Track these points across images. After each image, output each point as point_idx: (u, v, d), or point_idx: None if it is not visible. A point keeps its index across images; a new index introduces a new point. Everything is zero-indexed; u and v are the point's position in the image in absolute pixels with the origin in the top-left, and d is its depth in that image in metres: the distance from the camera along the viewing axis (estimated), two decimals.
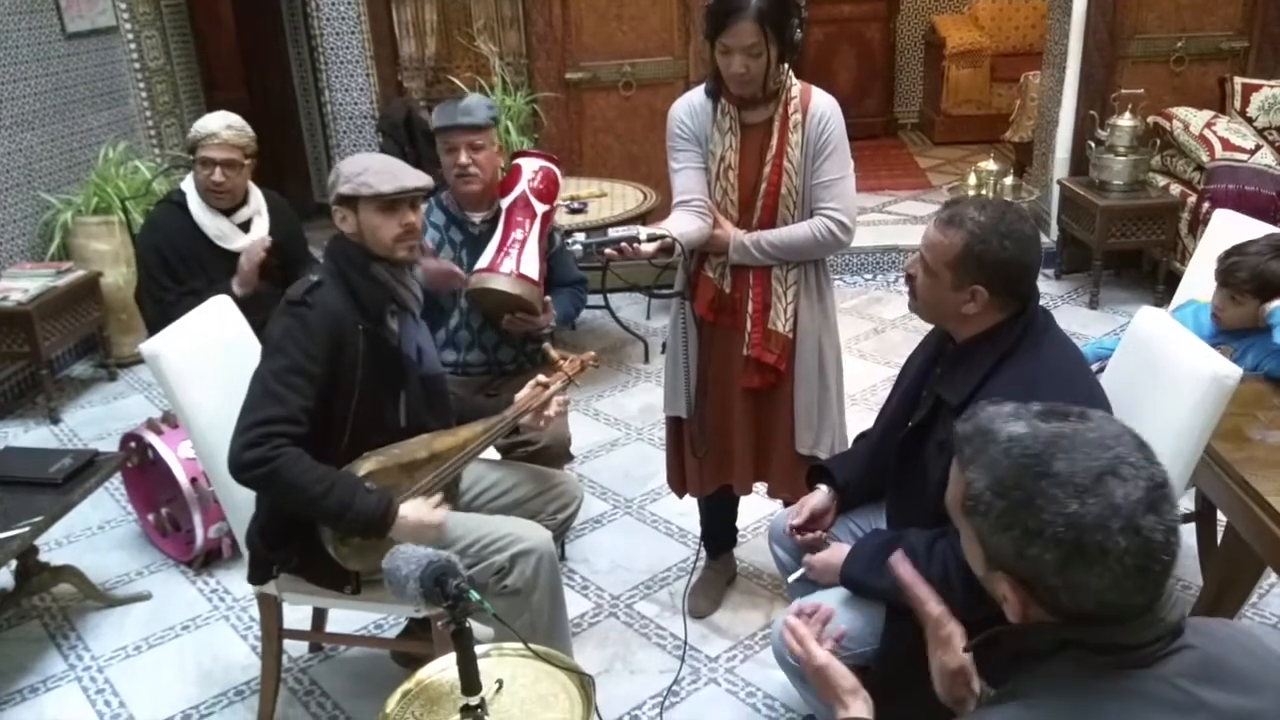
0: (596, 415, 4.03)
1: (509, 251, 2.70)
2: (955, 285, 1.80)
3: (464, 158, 2.75)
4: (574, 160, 5.24)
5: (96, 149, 4.73)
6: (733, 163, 2.37)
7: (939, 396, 1.86)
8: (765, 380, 2.48)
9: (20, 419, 4.22)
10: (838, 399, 2.54)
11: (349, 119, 5.39)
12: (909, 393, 2.03)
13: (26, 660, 2.76)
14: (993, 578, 1.13)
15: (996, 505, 1.08)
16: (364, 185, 2.09)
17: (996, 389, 1.74)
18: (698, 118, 2.41)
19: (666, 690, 2.49)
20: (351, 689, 2.58)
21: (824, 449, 2.49)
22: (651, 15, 5.16)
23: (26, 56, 4.43)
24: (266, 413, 1.95)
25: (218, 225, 3.03)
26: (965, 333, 1.86)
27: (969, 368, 1.82)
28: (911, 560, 1.79)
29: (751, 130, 2.37)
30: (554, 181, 2.84)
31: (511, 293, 2.67)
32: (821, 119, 2.34)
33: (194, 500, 2.96)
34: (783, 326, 2.43)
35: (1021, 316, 1.80)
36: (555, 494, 2.42)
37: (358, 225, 2.12)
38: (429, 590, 1.60)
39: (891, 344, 4.51)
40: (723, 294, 2.45)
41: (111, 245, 4.46)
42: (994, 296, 1.78)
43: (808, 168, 2.36)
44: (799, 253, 2.40)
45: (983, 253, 1.75)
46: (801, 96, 2.35)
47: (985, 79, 7.65)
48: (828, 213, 2.36)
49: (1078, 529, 1.04)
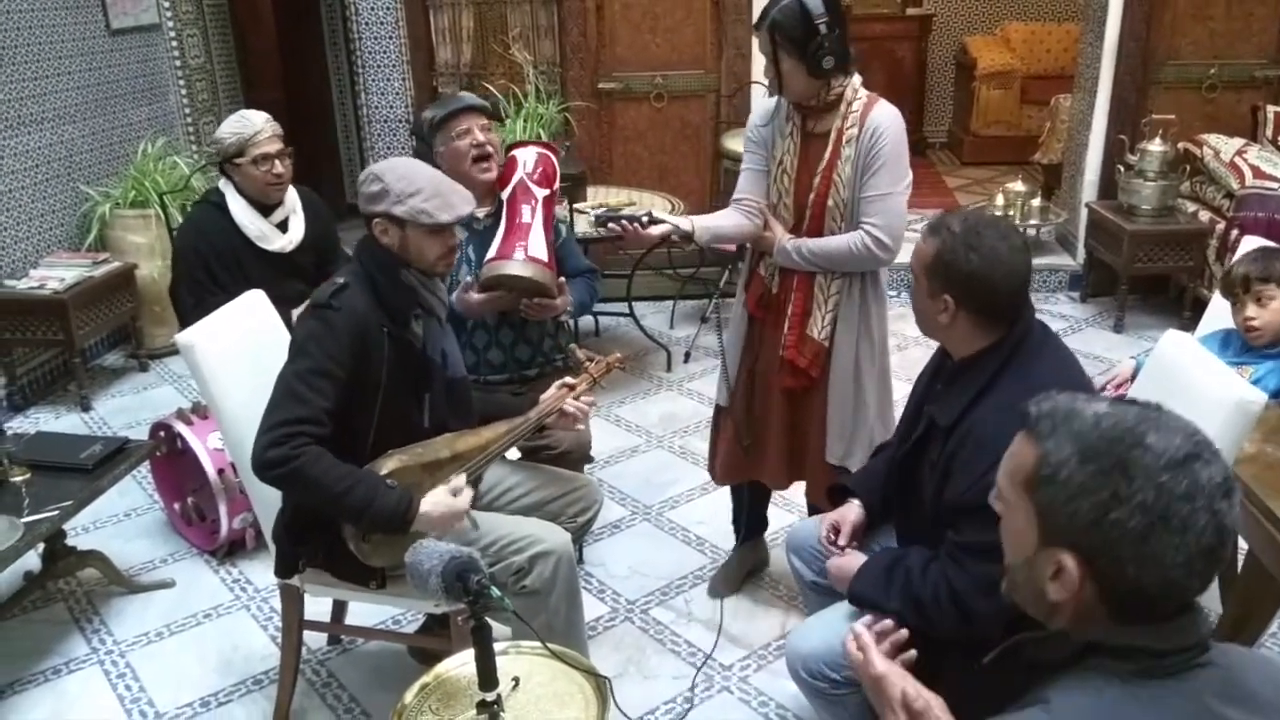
0: (618, 422, 4.06)
1: (517, 237, 2.70)
2: (930, 293, 1.82)
3: (480, 135, 2.73)
4: (604, 169, 5.28)
5: (136, 144, 4.82)
6: (789, 168, 2.44)
7: (931, 417, 1.87)
8: (798, 382, 2.53)
9: (52, 405, 4.29)
10: (878, 417, 2.53)
11: (383, 122, 5.45)
12: (913, 410, 2.04)
13: (50, 642, 2.81)
14: (1043, 556, 1.13)
15: (1083, 471, 1.09)
16: (422, 214, 2.07)
17: (985, 412, 1.75)
18: (767, 122, 2.50)
19: (687, 692, 2.51)
20: (368, 682, 2.61)
21: (855, 463, 2.50)
22: (685, 28, 5.20)
23: (71, 51, 4.52)
24: (290, 413, 1.97)
25: (259, 226, 3.07)
26: (955, 349, 1.87)
27: (960, 389, 1.82)
28: (907, 579, 1.80)
29: (814, 139, 2.42)
30: (551, 166, 2.82)
31: (526, 276, 2.66)
32: (875, 133, 2.34)
33: (220, 491, 3.01)
34: (818, 334, 2.47)
35: (1008, 339, 1.79)
36: (576, 497, 2.44)
37: (402, 241, 2.12)
38: (450, 585, 1.62)
39: (913, 360, 4.50)
40: (770, 293, 2.53)
41: (147, 238, 4.54)
42: (965, 311, 1.78)
43: (857, 181, 2.37)
44: (836, 263, 2.42)
45: (949, 263, 1.77)
46: (863, 110, 2.37)
47: (1015, 100, 7.65)
48: (868, 227, 2.36)
49: (1168, 498, 1.05)
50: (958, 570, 1.73)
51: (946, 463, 1.78)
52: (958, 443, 1.77)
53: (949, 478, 1.77)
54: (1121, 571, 1.08)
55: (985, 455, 1.67)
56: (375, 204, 2.12)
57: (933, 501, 1.83)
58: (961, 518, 1.73)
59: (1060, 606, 1.14)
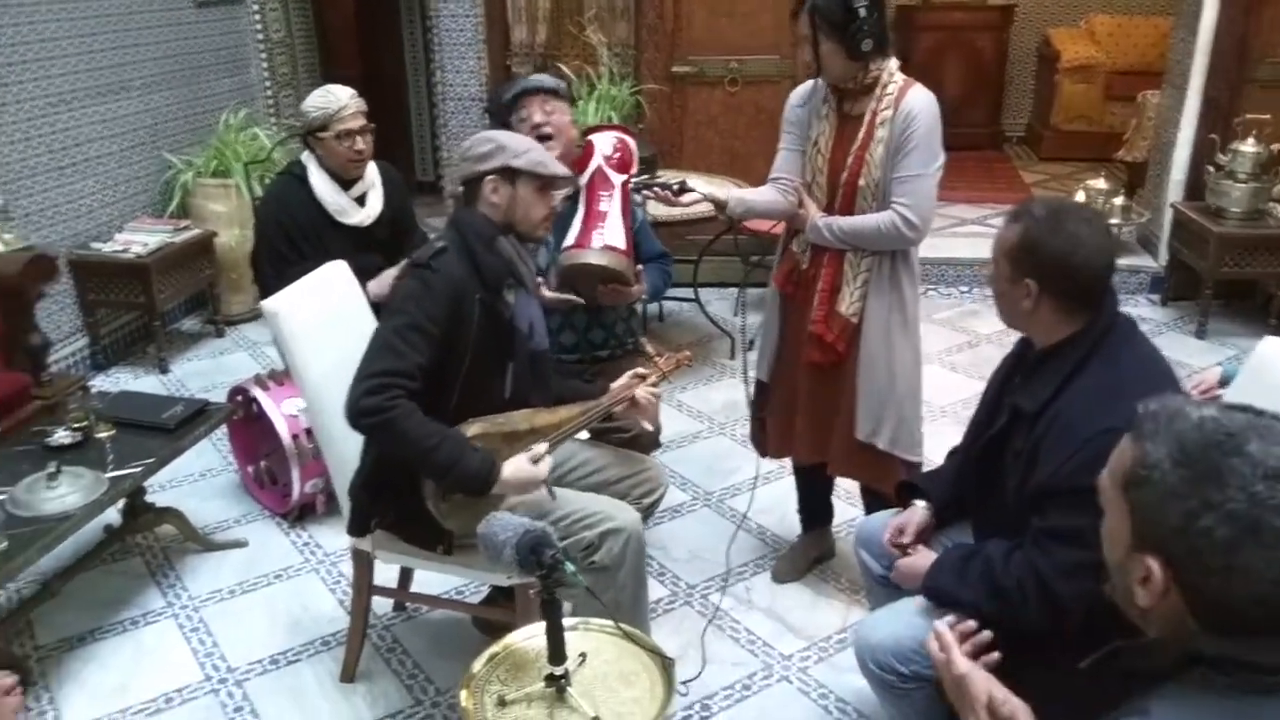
0: (680, 407, 4.06)
1: (595, 225, 2.74)
2: (1011, 278, 1.82)
3: (539, 116, 2.80)
4: (674, 153, 5.27)
5: (218, 114, 4.92)
6: (823, 148, 2.50)
7: (1015, 405, 1.86)
8: (825, 358, 2.56)
9: (131, 366, 4.42)
10: (909, 396, 2.57)
11: (457, 100, 5.49)
12: (990, 403, 2.04)
13: (128, 594, 2.90)
14: (1134, 560, 1.11)
15: (1175, 474, 1.06)
16: (540, 164, 2.18)
17: (1073, 396, 1.74)
18: (805, 103, 2.57)
19: (745, 679, 2.51)
20: (432, 649, 2.66)
21: (883, 439, 2.55)
22: (763, 13, 5.15)
23: (159, 22, 4.63)
24: (386, 364, 2.02)
25: (338, 200, 3.11)
26: (1039, 337, 1.86)
27: (1045, 376, 1.81)
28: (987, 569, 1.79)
29: (850, 121, 2.47)
30: (629, 152, 2.85)
31: (604, 265, 2.70)
32: (908, 116, 2.38)
33: (293, 455, 3.07)
34: (846, 309, 2.51)
35: (1094, 326, 1.79)
36: (642, 478, 2.46)
37: (511, 198, 2.19)
38: (524, 558, 1.65)
39: (984, 358, 4.44)
40: (800, 269, 2.59)
41: (227, 207, 4.64)
42: (1047, 296, 1.77)
43: (889, 162, 2.41)
44: (865, 241, 2.47)
45: (1033, 245, 1.77)
46: (898, 93, 2.41)
47: (1099, 95, 7.45)
48: (897, 207, 2.41)
49: (1260, 509, 1.01)
50: (1042, 555, 1.72)
51: (1032, 449, 1.77)
52: (1044, 428, 1.76)
53: (1034, 464, 1.76)
54: (1207, 582, 1.04)
55: (1071, 439, 1.69)
56: (489, 161, 2.18)
57: (1017, 490, 1.81)
58: (1047, 502, 1.72)
59: (1149, 613, 1.11)
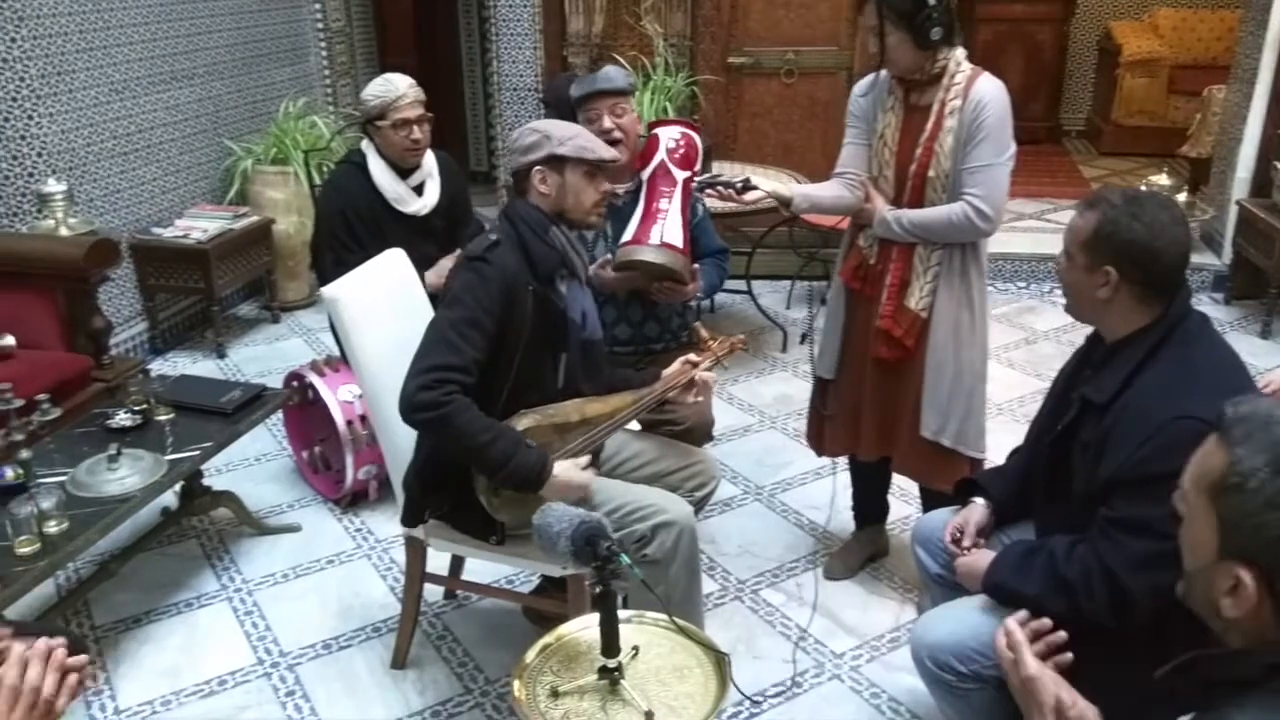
0: (731, 400, 4.04)
1: (654, 222, 2.71)
2: (1088, 267, 1.79)
3: (608, 122, 2.79)
4: (728, 145, 5.24)
5: (278, 102, 4.98)
6: (890, 141, 2.46)
7: (1085, 397, 1.83)
8: (893, 353, 2.52)
9: (189, 350, 4.50)
10: (974, 392, 2.52)
11: (513, 90, 5.50)
12: (1058, 397, 2.01)
13: (184, 576, 2.95)
14: (1220, 569, 1.08)
15: (1274, 483, 1.04)
16: (586, 150, 2.18)
17: (1144, 386, 1.72)
18: (870, 96, 2.53)
19: (796, 675, 2.49)
20: (482, 638, 2.66)
21: (949, 437, 2.50)
22: (820, 4, 5.10)
23: (222, 10, 4.69)
24: (442, 359, 2.02)
25: (396, 189, 3.12)
26: (1110, 329, 1.83)
27: (1115, 368, 1.79)
28: (1050, 562, 1.76)
29: (916, 112, 2.43)
30: (694, 147, 2.81)
31: (660, 263, 2.68)
32: (978, 105, 2.34)
33: (348, 442, 3.10)
34: (915, 304, 2.47)
35: (1167, 316, 1.76)
36: (695, 471, 2.44)
37: (561, 186, 2.19)
38: (579, 549, 1.64)
39: (1043, 356, 4.37)
40: (867, 264, 2.55)
41: (285, 195, 4.70)
42: (1125, 283, 1.75)
43: (958, 153, 2.36)
44: (936, 234, 2.43)
45: (1112, 232, 1.75)
46: (966, 82, 2.36)
47: (1162, 90, 7.29)
48: (968, 198, 2.36)
49: None
50: (1109, 545, 1.68)
51: (1101, 440, 1.74)
52: (1114, 419, 1.73)
53: (1103, 455, 1.73)
54: None
55: (1142, 427, 1.66)
56: (536, 152, 2.18)
57: (1085, 482, 1.78)
58: (1115, 492, 1.69)
59: (1236, 623, 1.08)
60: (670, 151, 2.76)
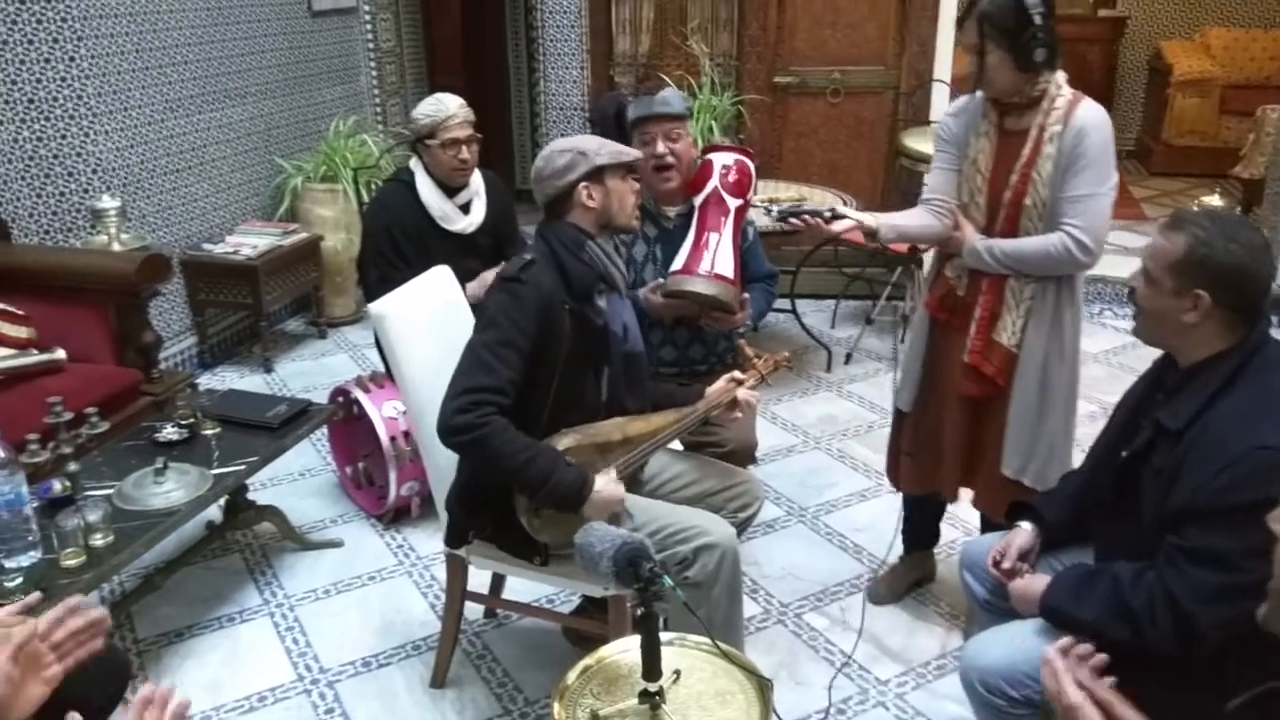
0: (774, 419, 4.00)
1: (704, 250, 2.68)
2: (1176, 291, 1.71)
3: (661, 147, 2.76)
4: (773, 164, 5.22)
5: (328, 121, 5.05)
6: (983, 167, 2.35)
7: (1158, 422, 1.78)
8: (981, 390, 2.42)
9: (237, 365, 4.55)
10: (1062, 432, 2.41)
11: (559, 109, 5.53)
12: (1126, 422, 1.95)
13: (227, 590, 2.96)
14: None
15: None
16: (620, 154, 2.20)
17: (1222, 412, 1.67)
18: (961, 119, 2.42)
19: (840, 703, 2.44)
20: (522, 658, 2.64)
21: (1030, 476, 2.39)
22: (867, 24, 5.08)
23: (275, 30, 4.77)
24: (478, 381, 2.01)
25: (443, 207, 3.14)
26: (1188, 354, 1.77)
27: (1191, 394, 1.73)
28: (1114, 588, 1.71)
29: (1011, 137, 2.32)
30: (747, 174, 2.77)
31: (710, 294, 2.65)
32: (1080, 132, 2.22)
33: (391, 458, 3.10)
34: (1007, 339, 2.36)
35: (1248, 342, 1.71)
36: (738, 492, 2.41)
37: (605, 200, 2.18)
38: (621, 570, 1.61)
39: (1093, 379, 4.27)
40: (955, 295, 2.44)
41: (334, 212, 4.75)
42: (1218, 308, 1.69)
43: (1057, 181, 2.25)
44: (1030, 265, 2.31)
45: (1206, 256, 1.68)
46: (1067, 107, 2.26)
47: (1213, 110, 7.20)
48: (1068, 229, 2.24)
49: None
50: (1176, 574, 1.63)
51: (1175, 467, 1.69)
52: (1188, 445, 1.68)
53: (1176, 482, 1.68)
54: None
55: (1219, 456, 1.61)
56: (575, 170, 2.17)
57: (1155, 507, 1.73)
58: (1187, 521, 1.64)
59: None
60: (723, 178, 2.73)
